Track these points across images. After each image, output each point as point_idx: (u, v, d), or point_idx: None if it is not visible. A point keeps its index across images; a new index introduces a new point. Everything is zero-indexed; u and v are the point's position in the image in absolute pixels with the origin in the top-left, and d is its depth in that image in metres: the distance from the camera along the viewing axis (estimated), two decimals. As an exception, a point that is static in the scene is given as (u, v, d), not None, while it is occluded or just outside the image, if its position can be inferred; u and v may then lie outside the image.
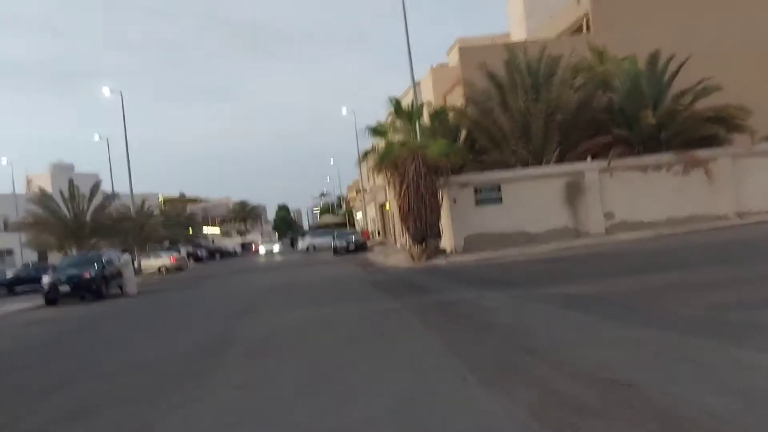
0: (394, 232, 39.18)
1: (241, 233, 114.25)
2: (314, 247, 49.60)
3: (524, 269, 15.96)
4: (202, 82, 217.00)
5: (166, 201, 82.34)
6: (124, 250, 27.87)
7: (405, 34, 23.95)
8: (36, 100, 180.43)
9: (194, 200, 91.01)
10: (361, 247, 37.77)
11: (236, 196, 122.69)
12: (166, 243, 64.65)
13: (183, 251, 52.40)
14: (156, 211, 66.25)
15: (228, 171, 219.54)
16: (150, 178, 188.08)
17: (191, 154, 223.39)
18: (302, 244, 49.88)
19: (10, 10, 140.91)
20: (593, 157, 22.91)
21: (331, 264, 30.12)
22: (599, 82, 23.21)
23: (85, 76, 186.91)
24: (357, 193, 69.30)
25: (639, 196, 22.78)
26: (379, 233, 44.87)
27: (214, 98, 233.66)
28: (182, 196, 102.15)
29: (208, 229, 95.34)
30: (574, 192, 22.76)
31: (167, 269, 36.93)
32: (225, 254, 68.16)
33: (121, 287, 24.42)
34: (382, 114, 40.95)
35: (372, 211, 53.75)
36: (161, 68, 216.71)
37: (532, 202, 22.57)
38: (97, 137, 53.77)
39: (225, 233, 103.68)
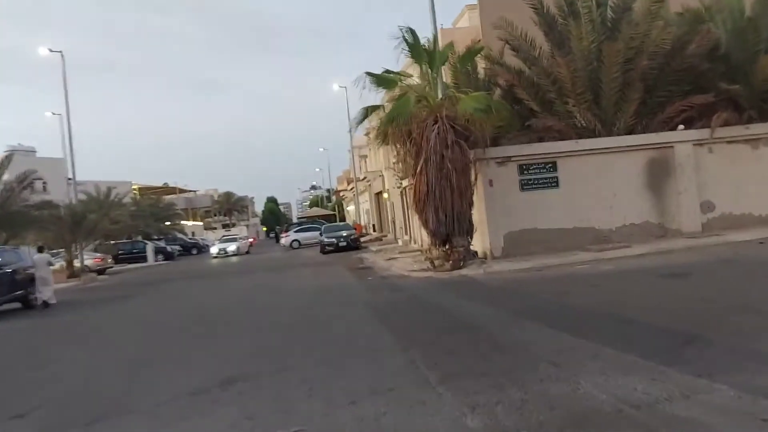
0: (395, 226, 32.46)
1: (226, 226, 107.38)
2: (299, 243, 42.78)
3: (651, 296, 9.22)
4: (193, 74, 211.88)
5: (143, 190, 75.12)
6: (40, 248, 20.97)
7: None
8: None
9: (172, 190, 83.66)
10: (353, 243, 31.03)
11: (225, 189, 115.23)
12: (138, 237, 58.06)
13: (150, 247, 45.49)
14: (127, 200, 59.39)
15: (217, 164, 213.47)
16: (137, 169, 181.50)
17: (180, 146, 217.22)
18: (286, 239, 43.09)
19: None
20: (686, 125, 16.26)
21: (316, 266, 23.38)
22: (693, 17, 16.56)
23: (79, 68, 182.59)
24: (348, 184, 62.53)
25: (747, 181, 16.19)
26: (374, 227, 38.08)
27: (205, 90, 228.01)
28: (165, 185, 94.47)
29: (190, 222, 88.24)
30: (659, 173, 16.10)
31: (90, 270, 29.95)
32: (203, 249, 61.21)
33: (28, 298, 17.69)
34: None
35: (366, 203, 46.98)
36: (153, 60, 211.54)
37: (601, 186, 15.89)
38: (49, 114, 46.89)
39: (208, 226, 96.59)
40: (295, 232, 43.76)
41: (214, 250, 45.35)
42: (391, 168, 28.81)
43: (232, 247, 43.68)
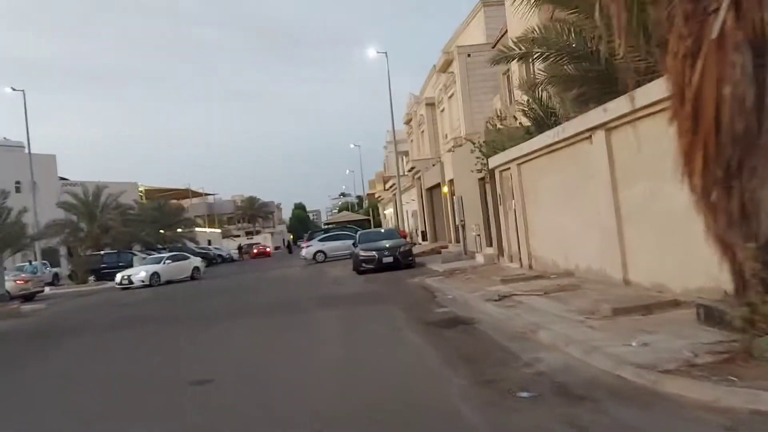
0: (463, 233, 21.91)
1: (249, 234, 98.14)
2: (324, 255, 32.50)
3: None
4: (226, 84, 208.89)
5: (151, 193, 65.99)
6: None
7: None
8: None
9: (185, 193, 74.46)
10: (404, 259, 20.61)
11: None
12: (137, 246, 48.76)
13: (137, 260, 35.77)
14: (128, 203, 50.16)
15: (245, 172, 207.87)
16: (167, 175, 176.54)
17: (211, 154, 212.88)
18: (307, 250, 32.96)
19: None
20: None
21: (348, 307, 12.85)
22: None
23: (112, 76, 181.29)
24: (385, 183, 52.25)
25: None
26: (424, 235, 27.32)
27: (236, 100, 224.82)
28: (176, 189, 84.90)
29: (207, 230, 79.01)
30: None
31: (11, 297, 20.12)
32: (214, 260, 51.60)
33: None
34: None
35: (411, 202, 36.48)
36: (184, 70, 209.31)
37: None
38: (9, 89, 37.87)
39: (227, 234, 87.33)
40: (320, 240, 33.55)
41: (117, 277, 28.24)
42: (466, 139, 18.42)
43: (140, 275, 27.25)
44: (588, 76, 10.87)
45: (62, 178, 57.49)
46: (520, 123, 16.08)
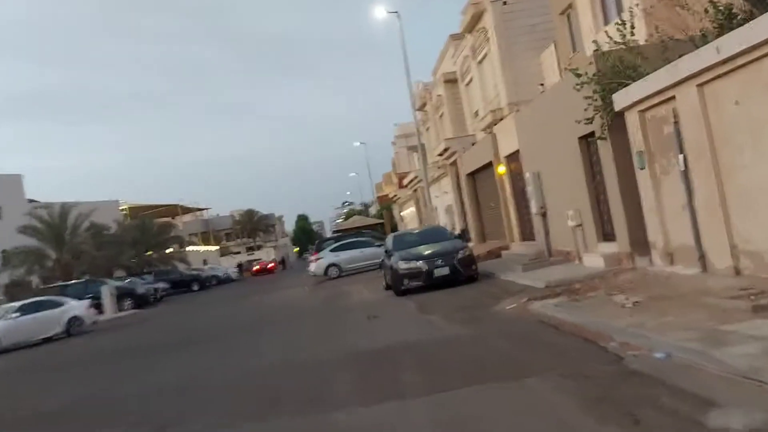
0: (541, 224, 15.05)
1: (250, 249, 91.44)
2: (339, 270, 25.72)
3: None
4: (222, 98, 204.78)
5: (135, 210, 59.17)
6: None
7: None
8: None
9: (173, 209, 67.56)
10: (465, 270, 13.71)
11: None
12: (119, 272, 42.20)
13: (106, 290, 28.92)
14: (109, 223, 43.54)
15: (244, 187, 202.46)
16: (164, 196, 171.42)
17: (210, 170, 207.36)
18: (317, 264, 26.15)
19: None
20: None
21: (437, 387, 6.03)
22: None
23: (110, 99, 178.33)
24: (401, 180, 45.43)
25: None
26: (464, 233, 20.21)
27: (231, 114, 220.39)
28: (174, 206, 77.57)
29: (202, 248, 72.26)
30: None
31: None
32: (205, 283, 44.80)
33: None
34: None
35: (444, 195, 29.62)
36: (181, 88, 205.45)
37: None
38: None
39: (226, 252, 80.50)
40: (332, 251, 26.71)
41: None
42: (568, 69, 11.58)
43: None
44: None
45: (32, 200, 50.57)
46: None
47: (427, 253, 14.04)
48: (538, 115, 14.48)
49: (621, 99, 9.90)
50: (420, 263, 13.73)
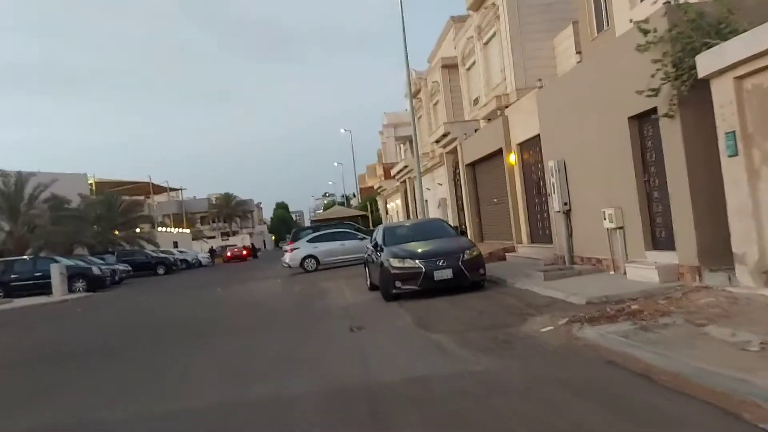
0: (563, 224, 12.54)
1: (225, 235, 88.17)
2: (316, 262, 23.10)
3: None
4: (203, 83, 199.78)
5: (102, 186, 55.55)
6: None
7: None
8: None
9: (144, 187, 63.84)
10: (470, 274, 11.15)
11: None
12: (79, 250, 38.94)
13: (56, 269, 25.78)
14: (73, 197, 40.26)
15: (226, 172, 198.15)
16: (143, 174, 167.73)
17: (189, 155, 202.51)
18: (292, 255, 23.45)
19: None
20: None
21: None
22: None
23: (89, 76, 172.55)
24: (387, 171, 42.81)
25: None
26: (464, 228, 17.73)
27: (215, 99, 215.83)
28: (145, 183, 73.93)
29: (174, 230, 68.90)
30: None
31: None
32: (174, 266, 41.84)
33: None
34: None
35: (438, 188, 27.07)
36: (162, 69, 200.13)
37: None
38: None
39: (197, 236, 77.04)
40: (310, 241, 24.00)
41: None
42: (635, 24, 9.01)
43: None
44: None
45: (-7, 168, 46.70)
46: None
47: (426, 250, 11.44)
48: (569, 92, 11.95)
49: (709, 61, 7.38)
50: (417, 262, 11.11)
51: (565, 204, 12.22)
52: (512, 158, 15.69)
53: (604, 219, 10.50)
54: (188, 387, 6.60)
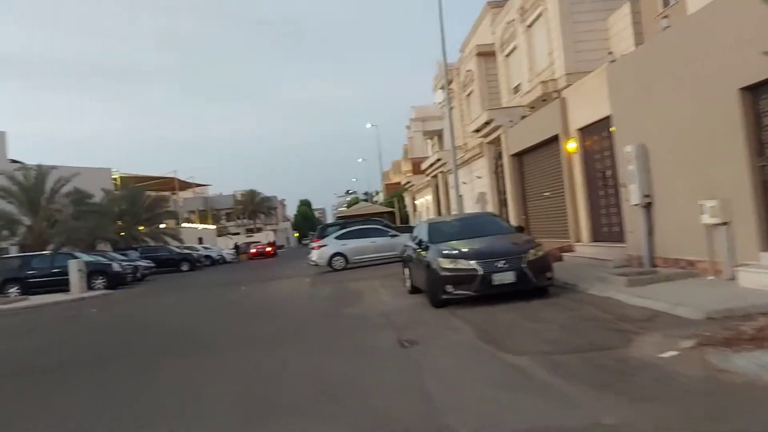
0: (643, 220, 10.65)
1: (250, 231, 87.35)
2: (345, 260, 21.51)
3: None
4: (229, 80, 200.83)
5: (127, 180, 54.69)
6: None
7: None
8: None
9: (170, 182, 62.96)
10: (539, 276, 9.40)
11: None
12: (101, 245, 37.96)
13: (74, 265, 24.56)
14: (96, 192, 39.37)
15: (251, 170, 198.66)
16: (169, 169, 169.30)
17: (215, 151, 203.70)
18: (319, 252, 21.89)
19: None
20: None
21: None
22: None
23: (112, 72, 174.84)
24: (417, 166, 41.01)
25: None
26: (522, 227, 15.59)
27: (240, 95, 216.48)
28: (170, 179, 73.21)
29: (199, 226, 68.09)
30: None
31: None
32: (196, 264, 40.63)
33: None
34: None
35: (476, 181, 25.18)
36: (186, 65, 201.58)
37: None
38: None
39: (223, 232, 76.16)
40: (338, 238, 22.39)
41: None
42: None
43: None
44: None
45: (15, 161, 46.11)
46: None
47: (481, 249, 9.70)
48: (652, 65, 10.10)
49: None
50: (472, 263, 9.38)
51: (646, 196, 10.37)
52: (571, 145, 13.85)
53: (703, 213, 8.65)
54: (186, 427, 4.96)
